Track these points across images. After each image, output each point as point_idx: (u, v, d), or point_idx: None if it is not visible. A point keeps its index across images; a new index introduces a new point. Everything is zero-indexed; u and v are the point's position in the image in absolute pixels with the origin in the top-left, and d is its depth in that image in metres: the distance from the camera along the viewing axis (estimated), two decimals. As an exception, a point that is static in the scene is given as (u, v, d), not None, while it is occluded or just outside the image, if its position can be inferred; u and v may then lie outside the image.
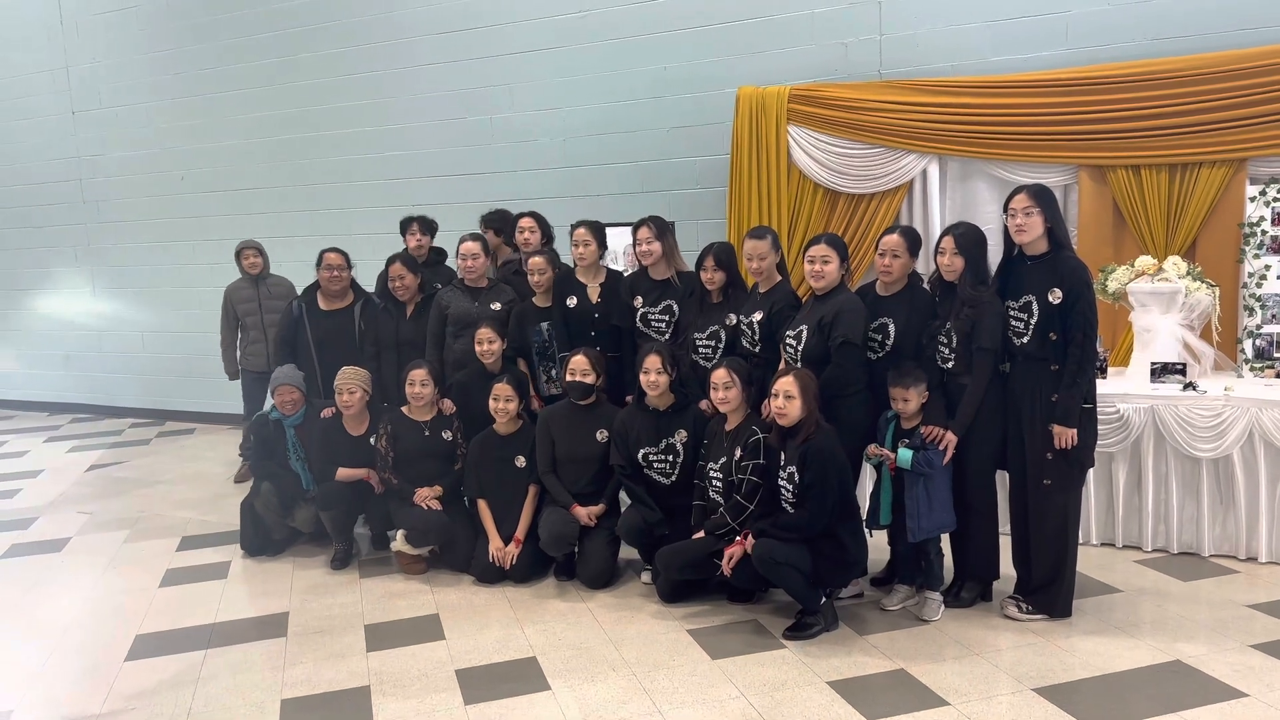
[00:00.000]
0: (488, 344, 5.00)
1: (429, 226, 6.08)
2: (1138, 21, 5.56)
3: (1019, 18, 5.84)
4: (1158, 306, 4.96)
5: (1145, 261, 5.03)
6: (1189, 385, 4.78)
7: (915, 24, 6.12)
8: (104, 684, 3.92)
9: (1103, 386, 4.89)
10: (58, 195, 9.73)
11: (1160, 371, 4.88)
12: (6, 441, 8.88)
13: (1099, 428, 4.65)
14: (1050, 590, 4.10)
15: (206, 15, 8.64)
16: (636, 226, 4.90)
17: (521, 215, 5.69)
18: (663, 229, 4.90)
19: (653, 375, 4.50)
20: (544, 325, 5.10)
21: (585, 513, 4.73)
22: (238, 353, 7.01)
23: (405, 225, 6.09)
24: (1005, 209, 3.98)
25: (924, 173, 5.94)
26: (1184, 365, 4.87)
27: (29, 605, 4.83)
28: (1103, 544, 4.97)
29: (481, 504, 4.91)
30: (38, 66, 9.56)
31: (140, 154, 9.21)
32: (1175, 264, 4.97)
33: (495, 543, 4.80)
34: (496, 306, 5.28)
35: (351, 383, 5.14)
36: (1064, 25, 5.73)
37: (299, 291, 6.33)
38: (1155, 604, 4.26)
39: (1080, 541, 4.82)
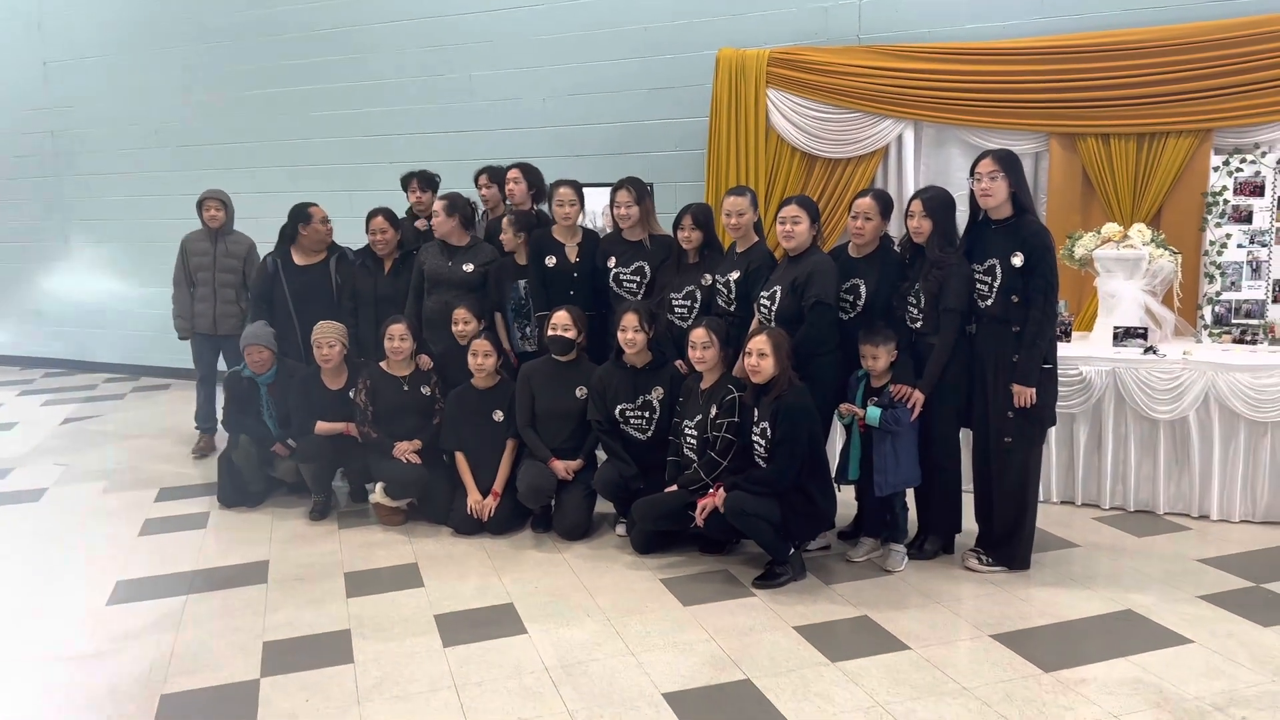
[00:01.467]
0: (463, 324, 5.05)
1: (430, 182, 6.05)
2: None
3: (996, -15, 5.92)
4: (1122, 272, 5.10)
5: (1111, 229, 5.16)
6: (1149, 349, 4.93)
7: (894, -11, 6.18)
8: (88, 627, 3.99)
9: (1066, 349, 5.04)
10: (29, 147, 9.62)
11: (1122, 336, 5.02)
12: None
13: (1060, 389, 4.80)
14: (1010, 544, 4.25)
15: (181, -34, 8.55)
16: (616, 188, 4.95)
17: (511, 166, 5.67)
18: (642, 192, 4.96)
19: (630, 333, 4.58)
20: (521, 283, 5.15)
21: (563, 467, 4.83)
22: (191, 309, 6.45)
23: (405, 181, 6.07)
24: (971, 173, 4.08)
25: (899, 138, 6.03)
26: (1145, 330, 5.02)
27: (8, 552, 4.88)
28: (1063, 501, 5.14)
29: (460, 457, 4.99)
30: (9, 14, 9.41)
31: (113, 106, 9.11)
32: (1140, 231, 5.10)
33: (474, 495, 4.89)
34: (469, 268, 5.27)
35: (330, 336, 5.19)
36: (1040, -7, 5.82)
37: (258, 248, 6.34)
38: (1110, 558, 4.43)
39: (1041, 499, 5.00)
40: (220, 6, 8.44)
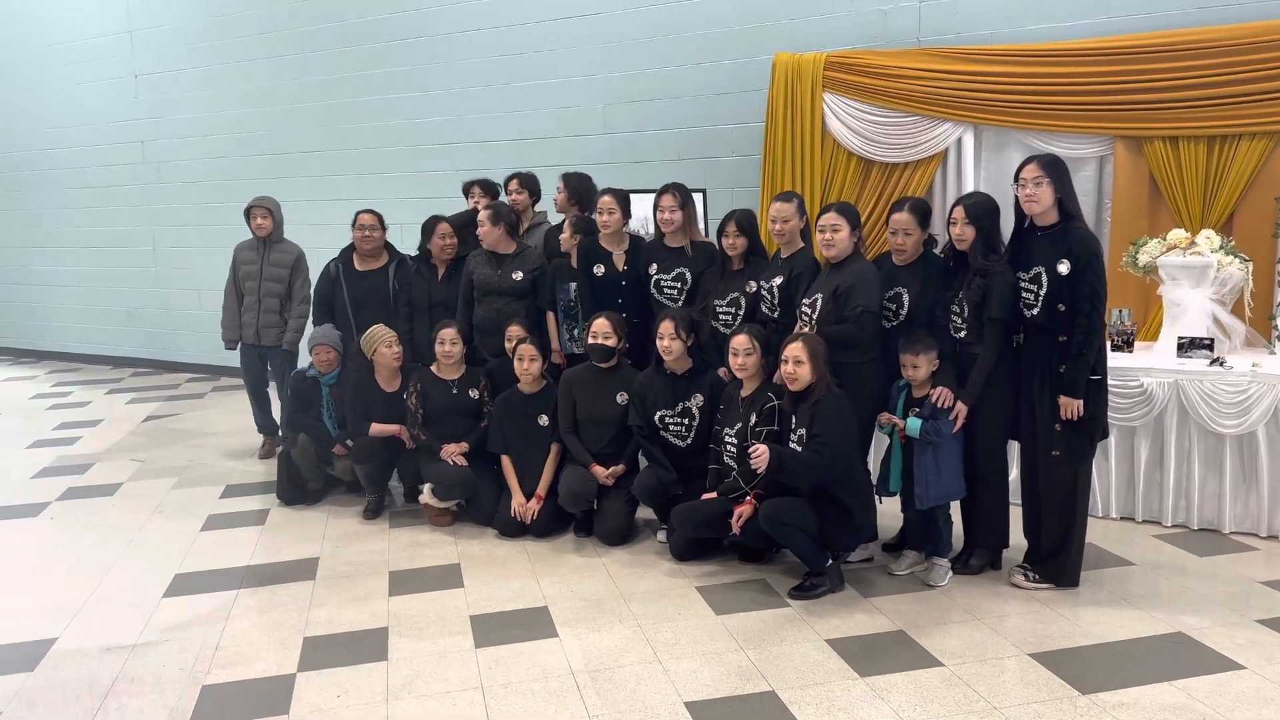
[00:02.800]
0: (515, 340, 5.10)
1: (490, 189, 6.14)
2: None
3: (1060, -14, 5.75)
4: (1188, 280, 4.90)
5: (1177, 235, 4.96)
6: (1216, 360, 4.72)
7: (955, -9, 6.06)
8: (142, 617, 4.16)
9: (1127, 360, 4.88)
10: (121, 157, 10.08)
11: (1187, 346, 4.83)
12: (71, 393, 9.30)
13: (1121, 401, 4.67)
14: (1057, 560, 4.12)
15: (262, -19, 8.87)
16: (661, 192, 4.96)
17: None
18: (685, 198, 4.95)
19: (666, 341, 4.59)
20: (571, 285, 5.20)
21: (604, 473, 4.85)
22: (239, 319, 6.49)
23: (467, 188, 6.17)
24: (1015, 179, 3.97)
25: (959, 142, 5.90)
26: (1212, 340, 4.82)
27: (80, 544, 5.12)
28: (1123, 518, 4.96)
29: (505, 460, 5.06)
30: (101, 32, 9.88)
31: (199, 116, 9.49)
32: (1208, 237, 4.90)
33: (517, 498, 4.95)
34: (518, 276, 5.32)
35: (388, 338, 5.31)
36: (1105, -7, 5.63)
37: (306, 257, 6.41)
38: (1168, 578, 4.26)
39: (1099, 515, 4.89)
40: (298, 20, 8.71)
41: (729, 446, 4.47)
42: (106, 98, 10.01)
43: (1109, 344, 4.81)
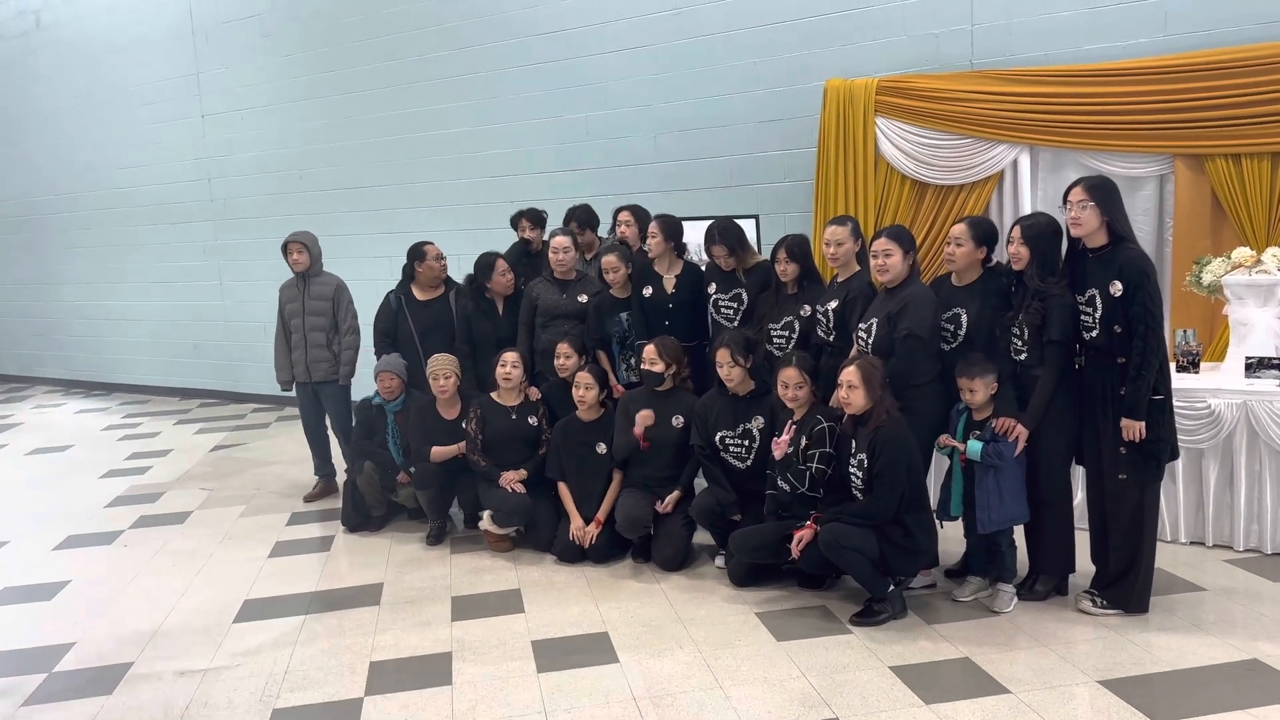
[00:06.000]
0: (564, 359, 5.19)
1: (538, 219, 6.25)
2: (1238, 6, 5.36)
3: (1115, 5, 5.70)
4: (1254, 299, 4.80)
5: (1242, 253, 4.87)
6: (1286, 380, 4.62)
7: (1008, 13, 6.03)
8: (214, 642, 4.27)
9: (1193, 381, 4.79)
10: (188, 194, 10.42)
11: (1255, 366, 4.73)
12: (141, 424, 9.58)
13: (1188, 422, 4.58)
14: (1125, 585, 4.05)
15: (323, 24, 9.13)
16: (709, 244, 5.03)
17: (621, 208, 5.85)
18: (734, 243, 5.00)
19: (725, 368, 4.63)
20: (623, 315, 5.27)
21: (663, 505, 4.86)
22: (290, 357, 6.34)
23: (515, 220, 6.27)
24: (1063, 200, 3.95)
25: (1015, 163, 5.86)
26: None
27: (153, 570, 5.27)
28: (1192, 542, 4.84)
29: (562, 486, 5.11)
30: (171, 74, 10.25)
31: (263, 154, 9.78)
32: (1275, 255, 4.80)
33: (576, 522, 4.99)
34: (584, 299, 5.47)
35: (446, 368, 5.41)
36: (1162, 12, 5.57)
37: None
38: (1241, 604, 4.15)
39: (1168, 539, 4.78)
40: (357, 59, 8.96)
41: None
42: (175, 137, 10.36)
43: (1174, 365, 4.73)
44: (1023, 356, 4.09)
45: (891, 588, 4.14)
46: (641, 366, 4.90)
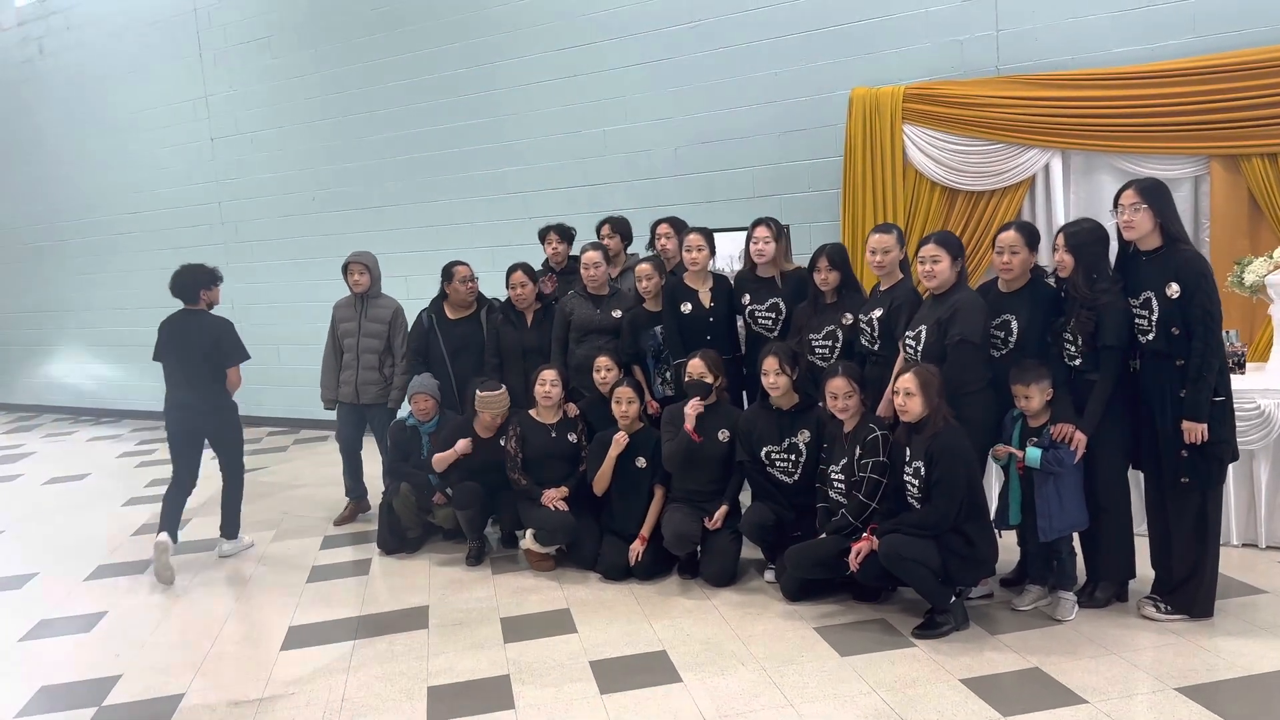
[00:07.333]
0: (605, 372, 5.15)
1: (566, 234, 6.20)
2: (1267, 6, 5.36)
3: (1142, 7, 5.70)
4: (1299, 298, 4.79)
5: (1285, 252, 4.86)
6: (1336, 379, 4.59)
7: (1033, 18, 6.03)
8: (263, 671, 4.19)
9: (1240, 381, 4.75)
10: (198, 217, 10.35)
11: (1304, 365, 4.70)
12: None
13: (1237, 424, 4.52)
14: (1189, 589, 4.00)
15: (334, 44, 9.10)
16: (755, 224, 5.01)
17: (659, 221, 5.79)
18: (779, 231, 5.00)
19: (771, 377, 4.57)
20: (656, 329, 5.22)
21: (711, 521, 4.80)
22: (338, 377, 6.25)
23: (543, 234, 6.22)
24: (1115, 204, 3.92)
25: (1046, 168, 5.85)
26: (1330, 359, 4.68)
27: (190, 600, 5.19)
28: (1245, 545, 4.81)
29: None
30: (179, 97, 10.21)
31: (274, 176, 9.73)
32: (1317, 253, 4.79)
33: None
34: (618, 314, 5.43)
35: (496, 410, 5.32)
36: (1190, 13, 5.57)
37: (405, 310, 6.28)
38: (1304, 606, 4.12)
39: (1221, 542, 4.71)
40: (369, 79, 8.93)
41: (835, 483, 4.43)
42: (184, 161, 10.31)
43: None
44: (1077, 362, 4.05)
45: (953, 598, 4.09)
46: (688, 379, 4.82)
